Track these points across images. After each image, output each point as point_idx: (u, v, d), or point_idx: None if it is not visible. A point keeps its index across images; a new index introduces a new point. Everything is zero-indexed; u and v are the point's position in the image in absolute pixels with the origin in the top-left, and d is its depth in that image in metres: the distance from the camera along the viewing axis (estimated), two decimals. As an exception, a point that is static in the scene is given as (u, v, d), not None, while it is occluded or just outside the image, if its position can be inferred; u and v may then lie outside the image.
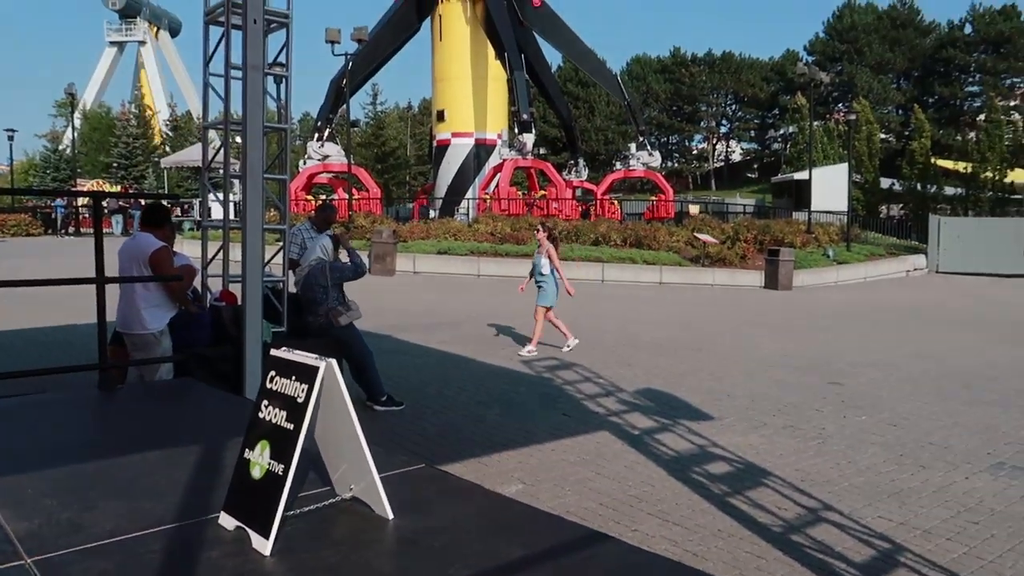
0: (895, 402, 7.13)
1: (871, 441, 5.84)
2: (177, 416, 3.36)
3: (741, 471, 5.07)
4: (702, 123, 60.17)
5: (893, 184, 38.30)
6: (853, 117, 30.07)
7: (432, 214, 25.11)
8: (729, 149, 63.69)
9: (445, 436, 5.66)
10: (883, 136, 45.83)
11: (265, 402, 1.97)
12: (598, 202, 26.51)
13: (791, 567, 3.70)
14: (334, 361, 1.86)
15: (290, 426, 1.85)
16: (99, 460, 2.55)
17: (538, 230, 9.18)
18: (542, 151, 43.48)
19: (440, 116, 26.90)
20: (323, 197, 26.28)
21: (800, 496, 4.61)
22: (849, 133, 29.46)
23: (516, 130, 23.82)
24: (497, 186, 23.73)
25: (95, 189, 32.89)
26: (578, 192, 27.53)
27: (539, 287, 8.93)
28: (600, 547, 1.89)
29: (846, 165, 27.07)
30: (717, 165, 61.58)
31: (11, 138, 33.48)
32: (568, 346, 8.94)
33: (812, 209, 24.46)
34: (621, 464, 5.14)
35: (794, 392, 7.40)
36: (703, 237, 19.55)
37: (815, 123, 34.12)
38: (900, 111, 52.29)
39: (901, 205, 37.47)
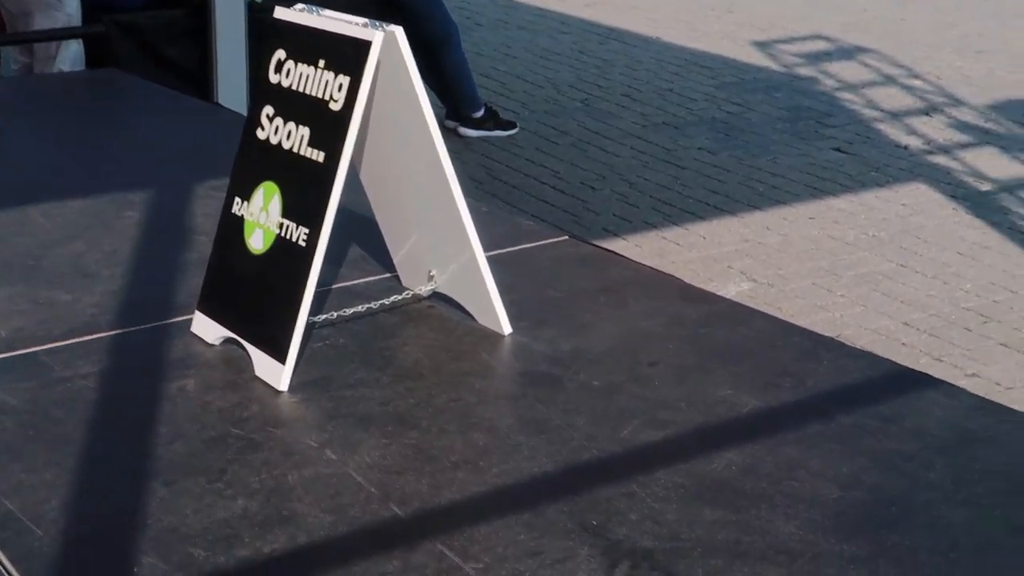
0: None
1: None
2: (97, 138, 3.52)
3: None
4: None
5: None
6: None
7: None
8: None
9: (601, 186, 5.74)
10: None
11: (268, 111, 2.01)
12: None
13: None
14: (399, 30, 1.86)
15: (318, 156, 1.90)
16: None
17: None
18: None
19: None
20: None
21: None
22: None
23: None
24: None
25: None
26: None
27: None
28: (914, 396, 1.92)
29: None
30: None
31: None
32: None
33: None
34: (950, 249, 5.11)
35: None
36: None
37: None
38: None
39: None
